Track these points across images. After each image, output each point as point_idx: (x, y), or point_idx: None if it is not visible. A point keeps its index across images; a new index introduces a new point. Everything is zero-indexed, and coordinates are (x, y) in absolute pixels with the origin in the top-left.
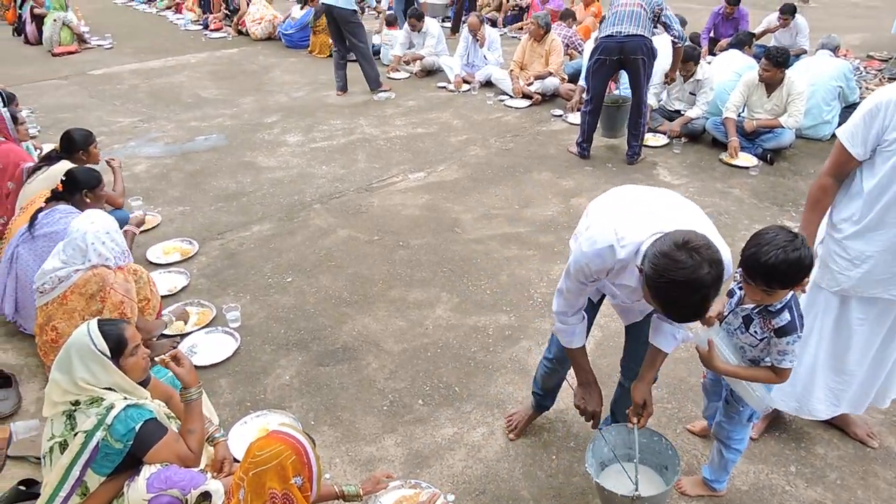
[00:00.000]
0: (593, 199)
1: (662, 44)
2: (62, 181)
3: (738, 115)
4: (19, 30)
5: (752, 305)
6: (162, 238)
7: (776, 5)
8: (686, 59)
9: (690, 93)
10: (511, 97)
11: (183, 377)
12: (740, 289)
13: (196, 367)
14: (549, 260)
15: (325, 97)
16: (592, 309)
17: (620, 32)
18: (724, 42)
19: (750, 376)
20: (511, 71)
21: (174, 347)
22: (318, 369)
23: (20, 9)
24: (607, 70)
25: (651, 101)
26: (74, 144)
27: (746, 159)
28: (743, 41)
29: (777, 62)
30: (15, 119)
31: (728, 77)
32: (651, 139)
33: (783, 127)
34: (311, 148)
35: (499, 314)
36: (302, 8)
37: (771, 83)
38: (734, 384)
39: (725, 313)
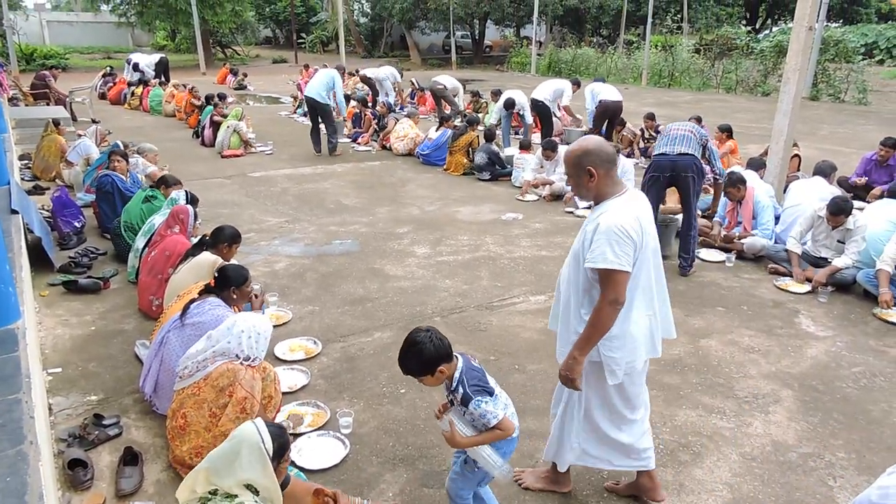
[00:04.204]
0: (725, 341)
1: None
2: (214, 277)
3: (895, 269)
4: (197, 133)
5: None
6: (290, 334)
7: None
8: (837, 213)
9: (839, 241)
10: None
11: None
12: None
13: (303, 469)
14: (673, 403)
15: (456, 213)
16: None
17: (673, 151)
18: (877, 190)
19: (484, 439)
20: None
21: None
22: (422, 490)
23: (201, 116)
24: (660, 186)
25: (793, 246)
26: (221, 238)
27: None
28: None
29: None
30: (196, 216)
31: (882, 227)
32: (792, 285)
33: None
34: (437, 261)
35: None
36: (437, 129)
37: None
38: (475, 456)
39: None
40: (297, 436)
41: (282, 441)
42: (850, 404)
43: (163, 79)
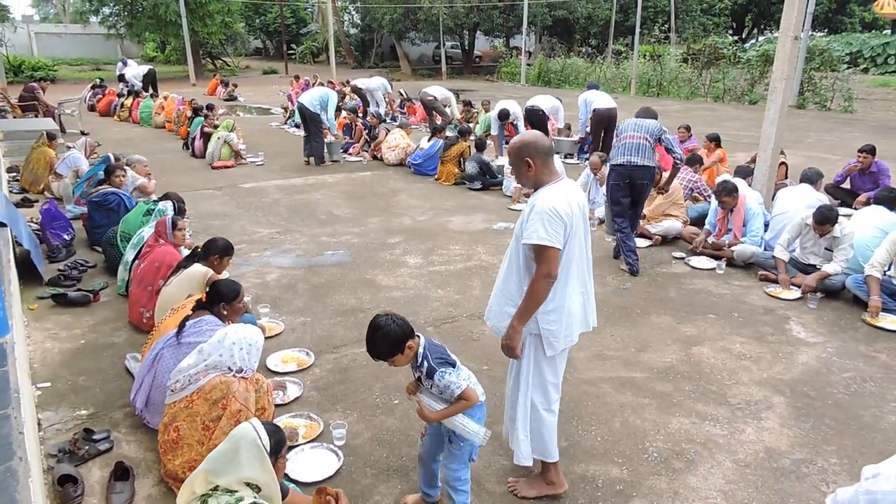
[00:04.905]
0: (717, 348)
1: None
2: (206, 292)
3: (884, 274)
4: (188, 144)
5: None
6: (283, 346)
7: None
8: (823, 222)
9: (826, 248)
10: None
11: None
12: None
13: (295, 481)
14: (666, 411)
15: (447, 223)
16: None
17: (630, 162)
18: (863, 197)
19: (453, 410)
20: None
21: None
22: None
23: (190, 127)
24: (623, 192)
25: (779, 253)
26: (213, 250)
27: (895, 322)
28: (893, 198)
29: None
30: (174, 225)
31: (869, 233)
32: (784, 291)
33: None
34: (429, 271)
35: (609, 465)
36: (429, 140)
37: None
38: (453, 427)
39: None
40: (290, 448)
41: (278, 437)
42: (842, 410)
43: (151, 91)
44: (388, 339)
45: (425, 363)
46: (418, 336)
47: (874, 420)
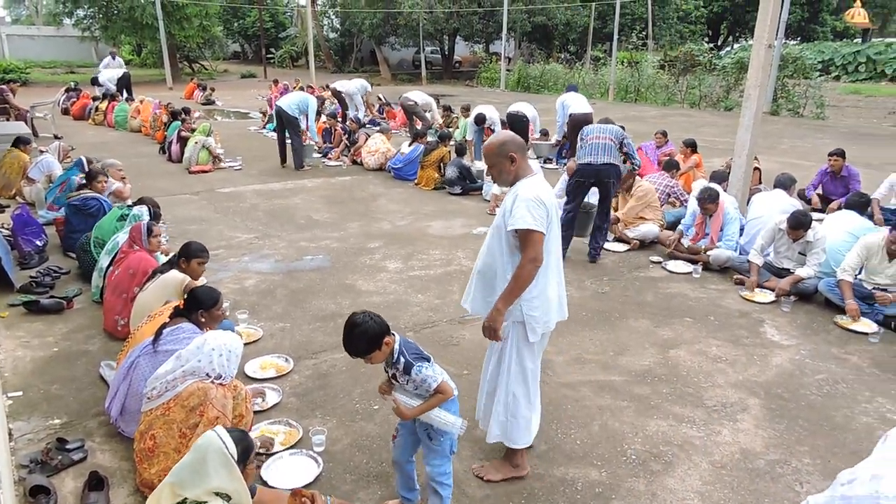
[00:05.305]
0: (694, 351)
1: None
2: (184, 299)
3: (854, 278)
4: (164, 148)
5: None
6: (261, 352)
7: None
8: (797, 227)
9: (800, 252)
10: (607, 240)
11: None
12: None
13: (275, 488)
14: (644, 414)
15: (427, 227)
16: None
17: (597, 161)
18: (835, 204)
19: (429, 405)
20: None
21: (258, 466)
22: None
23: (167, 131)
24: (584, 189)
25: (753, 257)
26: (185, 254)
27: (866, 325)
28: (863, 203)
29: None
30: (150, 231)
31: (841, 237)
32: (758, 295)
33: None
34: (409, 276)
35: (589, 468)
36: (410, 144)
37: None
38: (431, 421)
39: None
40: (269, 455)
41: (245, 444)
42: (815, 411)
43: (126, 94)
44: (366, 335)
45: (401, 359)
46: (393, 334)
47: (846, 420)
